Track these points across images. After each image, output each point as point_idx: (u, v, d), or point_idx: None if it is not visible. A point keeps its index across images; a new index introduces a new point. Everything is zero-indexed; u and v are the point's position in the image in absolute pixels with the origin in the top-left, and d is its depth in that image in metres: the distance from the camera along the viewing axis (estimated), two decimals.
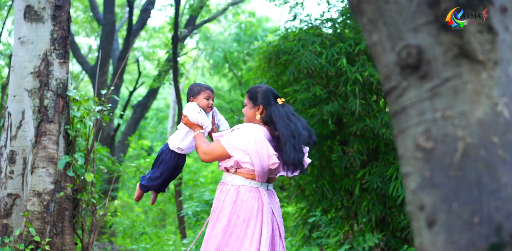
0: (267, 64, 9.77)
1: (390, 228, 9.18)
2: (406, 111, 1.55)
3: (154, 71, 26.03)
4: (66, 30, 6.10)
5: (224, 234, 4.40)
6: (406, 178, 1.62)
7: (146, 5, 17.42)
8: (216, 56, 21.78)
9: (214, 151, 4.52)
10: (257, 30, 22.19)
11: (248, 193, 4.51)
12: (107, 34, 15.32)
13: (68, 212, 5.98)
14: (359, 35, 9.27)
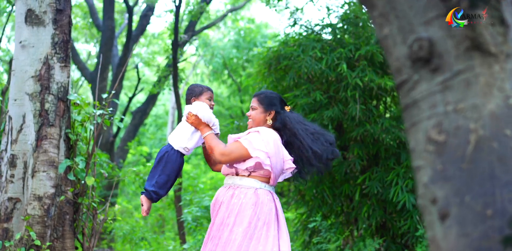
0: (267, 70, 9.77)
1: (390, 234, 9.16)
2: (417, 105, 1.54)
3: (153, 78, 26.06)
4: (67, 34, 6.09)
5: (244, 237, 4.35)
6: (417, 172, 1.61)
7: (145, 11, 17.45)
8: (215, 63, 21.79)
9: (233, 151, 4.49)
10: (256, 37, 22.20)
11: (265, 196, 4.51)
12: (106, 40, 15.33)
13: (68, 216, 5.96)
14: (359, 41, 9.28)
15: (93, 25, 18.86)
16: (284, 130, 4.68)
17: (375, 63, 9.12)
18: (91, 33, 20.51)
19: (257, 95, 4.84)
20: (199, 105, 4.74)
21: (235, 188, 4.56)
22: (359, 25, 9.66)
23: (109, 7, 15.56)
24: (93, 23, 18.03)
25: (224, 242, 4.39)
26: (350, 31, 9.59)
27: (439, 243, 1.50)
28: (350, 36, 9.60)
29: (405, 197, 8.42)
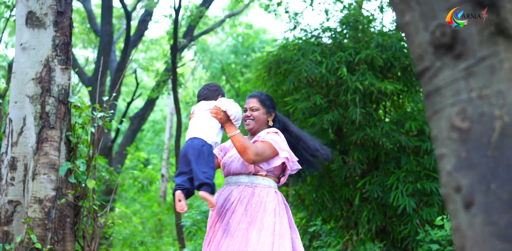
0: (267, 74, 9.76)
1: (390, 238, 9.14)
2: (440, 92, 1.52)
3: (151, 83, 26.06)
4: (68, 36, 6.07)
5: (276, 235, 4.40)
6: (441, 160, 1.58)
7: (143, 17, 17.46)
8: (213, 68, 21.78)
9: (265, 151, 4.49)
10: (254, 42, 22.21)
11: (281, 196, 4.63)
12: (105, 45, 15.31)
13: (69, 219, 5.93)
14: (359, 45, 9.27)
15: (91, 31, 18.86)
16: (283, 130, 4.77)
17: (375, 67, 9.11)
18: (89, 38, 20.50)
19: (257, 96, 4.83)
20: (230, 102, 4.63)
21: (254, 187, 4.56)
22: (358, 29, 9.66)
23: (108, 12, 15.55)
24: (91, 29, 18.03)
25: (255, 245, 4.34)
26: (350, 35, 9.59)
27: (464, 232, 1.47)
28: (350, 40, 9.60)
29: (406, 201, 8.40)
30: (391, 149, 9.01)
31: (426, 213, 8.43)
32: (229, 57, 21.91)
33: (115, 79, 15.63)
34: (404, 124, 8.98)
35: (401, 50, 9.27)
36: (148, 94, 16.54)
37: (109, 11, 15.64)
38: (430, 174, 8.80)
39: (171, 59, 11.37)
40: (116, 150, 18.14)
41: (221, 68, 21.40)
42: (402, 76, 9.45)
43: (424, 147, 8.82)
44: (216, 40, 26.23)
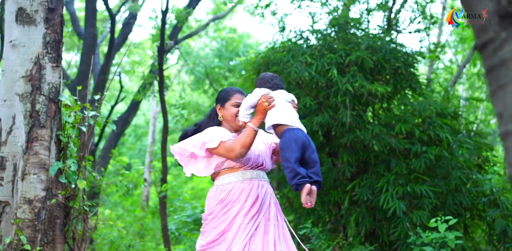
0: (256, 75, 9.68)
1: (379, 241, 9.08)
2: (506, 65, 1.43)
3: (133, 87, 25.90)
4: (59, 33, 5.95)
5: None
6: (506, 138, 1.49)
7: (128, 19, 17.32)
8: (197, 72, 21.69)
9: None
10: (238, 46, 22.16)
11: None
12: (88, 47, 15.15)
13: (59, 220, 5.80)
14: (349, 46, 9.22)
15: (74, 33, 18.69)
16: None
17: (365, 69, 9.07)
18: (72, 41, 20.32)
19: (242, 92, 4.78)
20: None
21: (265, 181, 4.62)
22: (348, 31, 9.62)
23: (91, 15, 15.40)
24: (74, 31, 17.85)
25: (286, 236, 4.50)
26: (339, 37, 9.53)
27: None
28: (340, 41, 9.54)
29: (396, 204, 8.35)
30: (380, 151, 8.97)
31: (416, 216, 8.37)
32: (213, 61, 21.84)
33: (98, 82, 15.46)
34: (394, 127, 8.94)
35: (391, 52, 9.24)
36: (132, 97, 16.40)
37: (93, 13, 15.49)
38: (420, 176, 8.76)
39: (158, 61, 11.25)
40: (99, 153, 17.97)
41: (205, 72, 21.31)
42: (392, 79, 9.42)
43: (414, 150, 8.78)
44: (200, 44, 26.13)
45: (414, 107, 9.07)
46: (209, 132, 4.44)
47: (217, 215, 4.38)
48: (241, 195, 4.39)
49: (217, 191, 4.45)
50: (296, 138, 4.30)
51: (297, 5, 11.63)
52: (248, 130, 4.31)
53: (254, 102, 4.41)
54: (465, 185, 9.15)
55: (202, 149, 4.36)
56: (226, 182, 4.45)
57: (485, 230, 9.57)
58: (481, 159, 9.73)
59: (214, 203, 4.43)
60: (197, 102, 23.41)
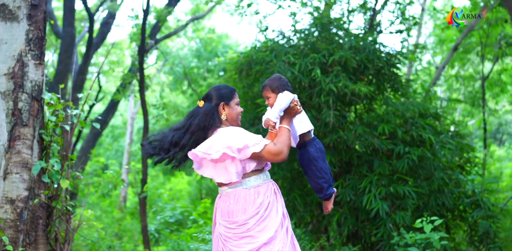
0: (238, 75, 9.62)
1: (362, 242, 9.05)
2: None
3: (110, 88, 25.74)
4: (42, 30, 5.84)
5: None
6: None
7: (106, 19, 17.16)
8: (176, 72, 21.58)
9: None
10: (217, 47, 22.09)
11: None
12: (66, 47, 14.97)
13: (42, 220, 5.70)
14: (332, 46, 9.19)
15: (51, 33, 18.50)
16: None
17: (348, 69, 9.04)
18: (50, 40, 20.13)
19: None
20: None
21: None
22: (331, 30, 9.59)
23: (69, 14, 15.22)
24: (51, 31, 17.67)
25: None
26: (323, 37, 9.50)
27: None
28: (323, 41, 9.51)
29: (379, 205, 8.32)
30: (363, 152, 8.95)
31: (399, 217, 8.35)
32: (192, 61, 21.76)
33: (76, 82, 15.30)
34: (377, 127, 8.92)
35: (374, 52, 9.22)
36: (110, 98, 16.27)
37: (71, 12, 15.31)
38: (403, 177, 8.75)
39: (139, 60, 11.13)
40: (76, 154, 17.80)
41: (183, 72, 21.21)
42: (375, 79, 9.40)
43: (397, 150, 8.76)
44: (178, 44, 26.03)
45: (397, 108, 9.06)
46: (245, 135, 4.35)
47: (261, 218, 4.29)
48: (275, 195, 4.43)
49: (251, 194, 4.37)
50: (322, 148, 4.59)
51: (278, 5, 11.59)
52: (286, 131, 4.39)
53: (287, 105, 4.45)
54: (448, 186, 9.15)
55: (245, 153, 4.27)
56: (256, 184, 4.39)
57: (467, 231, 9.59)
58: (463, 159, 9.75)
59: (254, 206, 4.33)
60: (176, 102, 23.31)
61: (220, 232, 4.40)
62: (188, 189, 21.72)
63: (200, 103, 4.54)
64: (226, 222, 4.37)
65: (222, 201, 4.47)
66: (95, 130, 16.93)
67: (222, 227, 4.38)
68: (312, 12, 10.41)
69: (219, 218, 4.43)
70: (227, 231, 4.35)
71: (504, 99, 24.51)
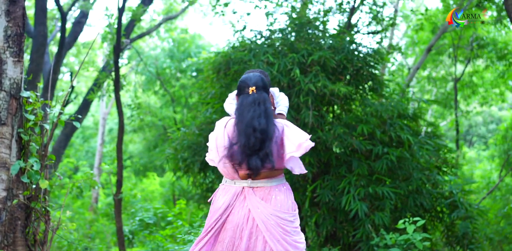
0: (215, 75, 9.52)
1: (340, 243, 9.01)
2: None
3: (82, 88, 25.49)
4: (21, 26, 5.70)
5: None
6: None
7: (79, 18, 16.98)
8: (148, 72, 21.44)
9: None
10: (190, 47, 21.98)
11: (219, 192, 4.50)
12: (38, 46, 14.77)
13: (20, 221, 5.56)
14: (311, 46, 9.14)
15: None
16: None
17: (327, 69, 8.99)
18: None
19: None
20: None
21: None
22: (310, 30, 9.54)
23: (41, 13, 15.01)
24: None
25: None
26: (301, 36, 9.45)
27: None
28: (301, 41, 9.46)
29: (358, 205, 8.28)
30: (342, 152, 8.91)
31: (378, 218, 8.32)
32: (164, 61, 21.63)
33: (48, 82, 15.11)
34: (355, 128, 8.89)
35: (353, 52, 9.20)
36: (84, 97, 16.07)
37: (43, 11, 15.11)
38: (382, 178, 8.72)
39: (114, 59, 10.99)
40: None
41: (156, 72, 21.08)
42: (353, 79, 9.38)
43: (376, 151, 8.74)
44: (150, 44, 25.87)
45: (376, 108, 9.04)
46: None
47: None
48: None
49: (288, 189, 4.43)
50: None
51: (255, 5, 11.52)
52: None
53: None
54: (426, 187, 9.16)
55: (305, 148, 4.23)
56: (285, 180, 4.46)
57: (443, 231, 9.61)
58: (441, 160, 9.76)
59: (292, 199, 4.39)
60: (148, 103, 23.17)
61: (277, 226, 4.20)
62: (160, 190, 21.60)
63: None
64: (287, 215, 4.25)
65: (276, 194, 4.30)
66: (67, 130, 16.74)
67: (282, 220, 4.22)
68: (288, 12, 10.35)
69: (274, 211, 4.22)
70: (287, 225, 4.23)
71: (475, 101, 24.72)
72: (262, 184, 4.30)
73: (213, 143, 4.35)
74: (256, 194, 4.29)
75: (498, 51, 19.12)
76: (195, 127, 9.72)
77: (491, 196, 17.58)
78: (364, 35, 11.97)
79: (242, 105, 4.27)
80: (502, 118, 30.35)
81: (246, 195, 4.29)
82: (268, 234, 4.19)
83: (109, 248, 14.55)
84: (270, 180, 4.31)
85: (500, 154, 20.02)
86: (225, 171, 4.33)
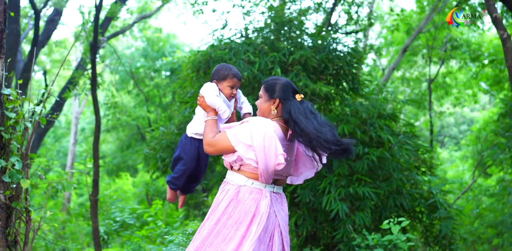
0: (195, 74, 9.42)
1: (320, 244, 8.97)
2: None
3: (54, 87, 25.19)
4: (3, 22, 5.61)
5: (209, 233, 4.11)
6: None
7: (52, 16, 16.76)
8: (122, 72, 21.27)
9: (218, 142, 4.21)
10: (165, 46, 21.85)
11: (248, 194, 4.19)
12: (11, 44, 14.56)
13: (1, 222, 5.42)
14: (292, 45, 9.10)
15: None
16: (290, 120, 4.30)
17: (308, 69, 8.94)
18: None
19: (264, 82, 4.49)
20: (206, 87, 4.46)
21: (225, 183, 4.35)
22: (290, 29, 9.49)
23: (15, 10, 14.81)
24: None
25: (196, 234, 4.24)
26: (282, 35, 9.39)
27: None
28: (282, 40, 9.41)
29: (338, 206, 8.24)
30: None
31: (359, 218, 8.29)
32: (138, 60, 21.48)
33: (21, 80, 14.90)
34: (336, 128, 8.84)
35: (334, 51, 9.16)
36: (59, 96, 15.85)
37: (16, 9, 14.91)
38: (362, 178, 8.69)
39: (91, 57, 10.83)
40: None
41: (130, 71, 20.92)
42: (334, 79, 9.34)
43: (356, 151, 8.70)
44: (124, 43, 25.68)
45: (356, 108, 9.01)
46: None
47: None
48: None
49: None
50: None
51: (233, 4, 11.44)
52: None
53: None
54: (406, 187, 9.15)
55: None
56: None
57: (422, 232, 9.61)
58: (419, 160, 9.77)
59: None
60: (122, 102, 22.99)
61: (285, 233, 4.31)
62: (133, 190, 21.45)
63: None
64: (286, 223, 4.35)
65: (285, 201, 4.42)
66: (40, 129, 16.52)
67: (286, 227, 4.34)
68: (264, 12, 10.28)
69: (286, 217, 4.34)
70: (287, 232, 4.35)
71: (448, 102, 24.89)
72: (280, 190, 4.36)
73: (273, 144, 4.15)
74: (278, 199, 4.31)
75: (472, 52, 19.28)
76: (174, 126, 9.62)
77: (463, 196, 17.72)
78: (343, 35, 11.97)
79: (304, 112, 4.30)
80: (474, 120, 30.61)
81: (273, 200, 4.25)
82: (286, 239, 4.29)
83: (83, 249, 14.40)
84: (282, 187, 4.39)
85: (473, 155, 20.16)
86: (266, 174, 4.17)
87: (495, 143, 16.69)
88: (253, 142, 4.10)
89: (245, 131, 4.13)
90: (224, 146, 4.19)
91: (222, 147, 4.20)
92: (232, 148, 4.16)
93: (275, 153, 4.11)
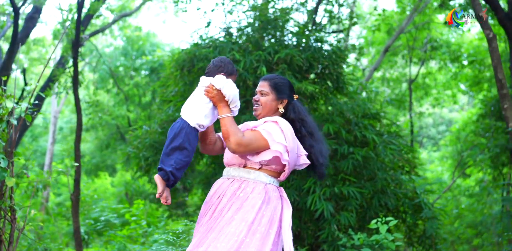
0: (179, 72, 9.35)
1: (305, 244, 8.93)
2: None
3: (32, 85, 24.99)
4: None
5: (248, 232, 3.94)
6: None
7: (32, 14, 16.59)
8: (102, 70, 21.13)
9: (252, 143, 4.05)
10: (144, 45, 21.74)
11: (272, 192, 4.13)
12: None
13: None
14: (277, 43, 9.06)
15: None
16: (297, 120, 4.28)
17: (293, 67, 8.90)
18: None
19: (269, 79, 4.38)
20: (227, 81, 4.18)
21: (242, 182, 4.16)
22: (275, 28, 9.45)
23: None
24: None
25: (221, 234, 3.95)
26: (268, 33, 9.35)
27: None
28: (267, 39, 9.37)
29: (323, 206, 8.21)
30: None
31: (344, 218, 8.27)
32: (118, 59, 21.35)
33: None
34: (321, 127, 8.82)
35: (319, 50, 9.13)
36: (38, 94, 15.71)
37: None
38: (347, 177, 8.67)
39: (73, 55, 10.72)
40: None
41: (109, 70, 20.78)
42: (319, 78, 9.32)
43: (341, 151, 8.68)
44: (103, 42, 25.52)
45: (341, 107, 8.99)
46: None
47: None
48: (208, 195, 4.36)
49: None
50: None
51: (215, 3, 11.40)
52: None
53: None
54: (390, 187, 9.14)
55: None
56: None
57: (406, 231, 9.61)
58: (403, 160, 9.77)
59: None
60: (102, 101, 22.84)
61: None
62: (112, 190, 21.30)
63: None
64: None
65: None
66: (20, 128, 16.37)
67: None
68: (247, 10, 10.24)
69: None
70: None
71: (428, 102, 25.00)
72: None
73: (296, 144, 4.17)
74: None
75: (451, 53, 19.38)
76: (157, 125, 9.54)
77: (442, 196, 17.80)
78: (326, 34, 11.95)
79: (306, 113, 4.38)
80: (452, 120, 30.77)
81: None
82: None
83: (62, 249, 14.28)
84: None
85: (452, 155, 20.25)
86: (287, 174, 4.20)
87: (476, 144, 16.77)
88: (287, 142, 4.07)
89: (278, 131, 4.09)
90: (258, 146, 4.08)
91: (256, 147, 4.07)
92: (267, 148, 4.08)
93: (298, 153, 4.16)
